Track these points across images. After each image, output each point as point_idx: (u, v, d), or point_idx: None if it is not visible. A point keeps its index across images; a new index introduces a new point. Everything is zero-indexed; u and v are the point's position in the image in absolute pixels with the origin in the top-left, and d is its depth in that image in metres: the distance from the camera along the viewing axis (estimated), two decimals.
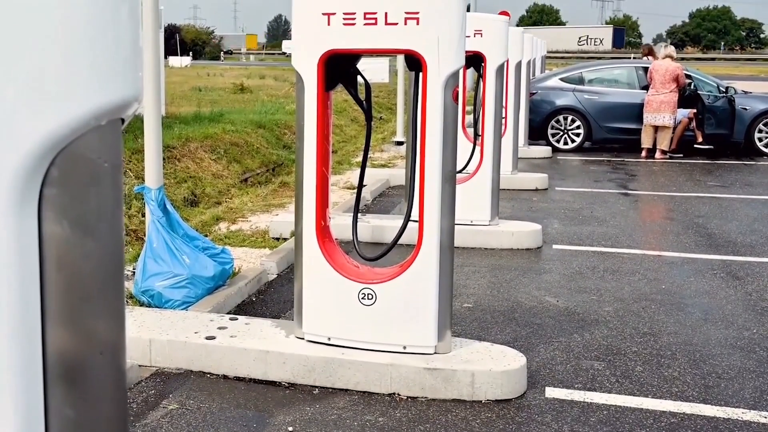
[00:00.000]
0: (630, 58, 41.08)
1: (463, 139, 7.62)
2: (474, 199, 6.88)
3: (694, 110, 12.73)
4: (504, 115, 8.23)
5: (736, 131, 12.74)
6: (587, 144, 13.44)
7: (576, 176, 11.05)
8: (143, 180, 5.17)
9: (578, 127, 13.27)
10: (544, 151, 12.75)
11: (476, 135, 7.49)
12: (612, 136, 13.24)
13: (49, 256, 0.81)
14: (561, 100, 13.31)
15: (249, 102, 16.98)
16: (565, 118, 13.31)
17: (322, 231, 4.11)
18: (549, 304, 5.36)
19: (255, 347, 4.11)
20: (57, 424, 0.83)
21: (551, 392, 3.99)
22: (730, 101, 12.76)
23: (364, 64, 4.16)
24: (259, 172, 10.11)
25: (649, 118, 12.43)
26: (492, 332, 4.80)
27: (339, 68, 4.00)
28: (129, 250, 5.94)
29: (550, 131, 13.35)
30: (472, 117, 8.87)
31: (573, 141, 13.33)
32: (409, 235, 4.22)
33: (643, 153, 12.62)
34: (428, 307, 3.95)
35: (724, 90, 12.95)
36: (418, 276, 3.95)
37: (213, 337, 4.22)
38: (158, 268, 4.79)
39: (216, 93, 19.57)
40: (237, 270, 5.51)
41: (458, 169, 4.65)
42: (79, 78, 0.79)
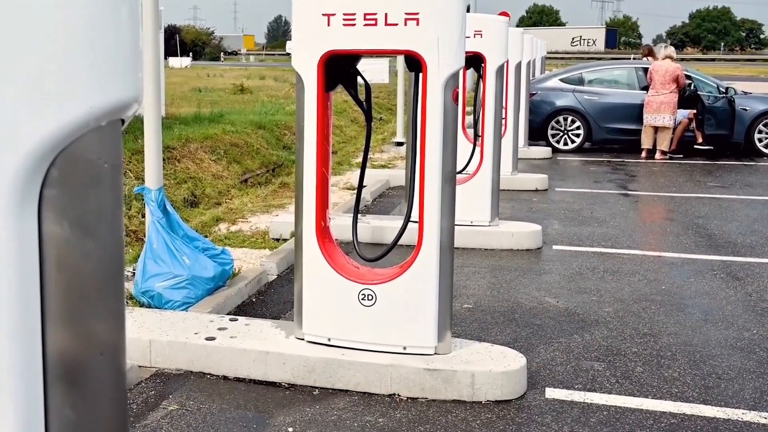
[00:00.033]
0: (630, 58, 41.04)
1: (463, 140, 7.62)
2: (474, 199, 6.88)
3: (694, 111, 12.74)
4: (504, 116, 8.23)
5: (736, 132, 12.74)
6: (587, 145, 13.44)
7: (576, 177, 11.04)
8: (143, 181, 5.17)
9: (578, 128, 13.27)
10: (544, 151, 12.75)
11: (476, 136, 7.48)
12: (612, 136, 13.24)
13: (49, 257, 0.81)
14: (561, 101, 13.31)
15: (249, 103, 16.98)
16: (565, 119, 13.31)
17: (322, 232, 4.11)
18: (549, 305, 5.36)
19: (255, 348, 4.11)
20: (57, 424, 0.83)
21: (551, 393, 3.99)
22: (730, 102, 12.77)
23: (364, 64, 4.16)
24: (259, 172, 10.11)
25: (649, 118, 12.43)
26: (492, 333, 4.80)
27: (339, 69, 4.00)
28: (129, 250, 5.94)
29: (550, 132, 13.35)
30: (472, 118, 8.87)
31: (573, 142, 13.32)
32: (409, 236, 4.22)
33: (643, 154, 12.62)
34: (428, 308, 3.95)
35: (724, 91, 12.95)
36: (418, 277, 3.95)
37: (213, 338, 4.23)
38: (158, 269, 4.79)
39: (216, 94, 19.57)
40: (237, 271, 5.51)
41: (458, 169, 4.65)
42: (79, 79, 0.79)
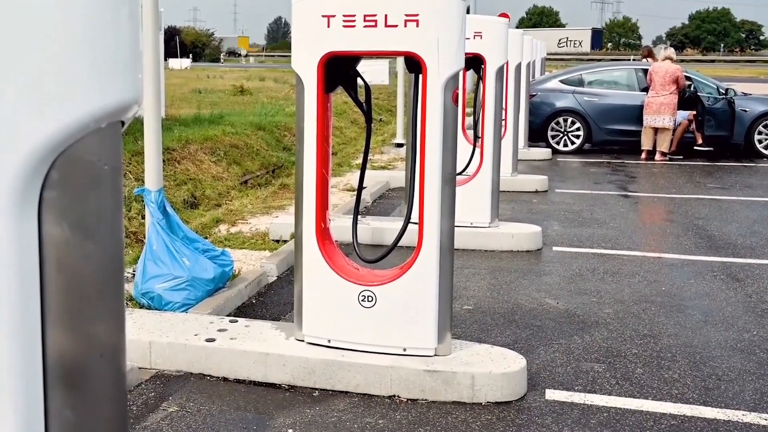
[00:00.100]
0: (629, 59, 41.04)
1: (463, 141, 7.62)
2: (474, 201, 6.88)
3: (694, 112, 12.74)
4: (504, 117, 8.23)
5: (735, 133, 12.74)
6: (587, 146, 13.44)
7: (576, 178, 11.05)
8: (143, 182, 5.17)
9: (578, 129, 13.27)
10: (544, 152, 12.76)
11: (476, 137, 7.48)
12: (612, 138, 13.24)
13: (49, 259, 0.81)
14: (561, 102, 13.31)
15: (249, 104, 16.99)
16: (565, 120, 13.32)
17: (322, 233, 4.11)
18: (549, 306, 5.36)
19: (255, 349, 4.11)
20: (57, 426, 0.83)
21: (551, 394, 3.98)
22: (730, 103, 12.77)
23: (364, 66, 4.16)
24: (259, 174, 10.11)
25: (649, 119, 12.43)
26: (492, 334, 4.80)
27: (339, 70, 4.01)
28: (129, 252, 5.94)
29: (550, 133, 13.35)
30: (472, 119, 8.87)
31: (573, 143, 13.33)
32: (409, 237, 4.22)
33: (643, 155, 12.62)
34: (428, 309, 3.95)
35: (723, 92, 12.95)
36: (418, 278, 3.95)
37: (213, 340, 4.22)
38: (158, 271, 4.79)
39: (216, 95, 19.58)
40: (237, 272, 5.51)
41: (458, 171, 4.65)
42: (78, 80, 0.79)
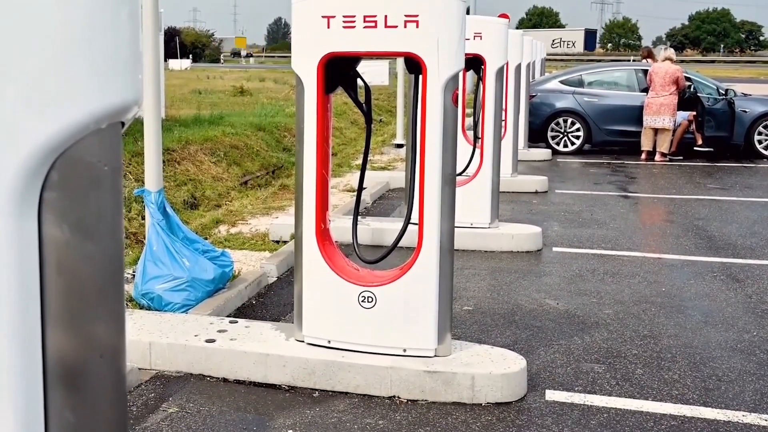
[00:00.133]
0: (629, 60, 41.07)
1: (462, 142, 7.62)
2: (474, 201, 6.88)
3: (694, 113, 12.74)
4: (504, 118, 8.23)
5: (735, 134, 12.74)
6: (587, 146, 13.45)
7: (576, 179, 11.05)
8: (143, 183, 5.17)
9: (578, 130, 13.28)
10: (544, 153, 12.76)
11: (476, 137, 7.48)
12: (612, 138, 13.24)
13: (49, 260, 0.81)
14: (561, 103, 13.32)
15: (249, 105, 16.99)
16: (565, 121, 13.32)
17: (322, 234, 4.11)
18: (549, 307, 5.36)
19: (255, 350, 4.11)
20: (57, 427, 0.83)
21: (551, 395, 3.98)
22: (730, 104, 12.77)
23: (363, 66, 4.17)
24: (258, 174, 10.11)
25: (649, 120, 12.44)
26: (492, 335, 4.80)
27: (339, 71, 4.01)
28: (129, 253, 5.93)
29: (549, 134, 13.35)
30: (471, 119, 8.87)
31: (573, 143, 13.33)
32: (409, 238, 4.22)
33: (643, 155, 12.62)
34: (428, 310, 3.95)
35: (723, 92, 12.95)
36: (418, 279, 3.95)
37: (213, 340, 4.22)
38: (158, 271, 4.79)
39: (216, 96, 19.58)
40: (237, 273, 5.51)
41: (458, 171, 4.65)
42: (78, 81, 0.79)
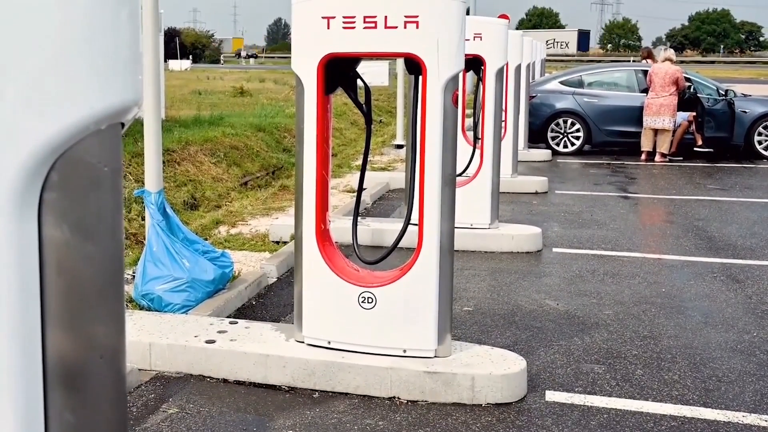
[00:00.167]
0: (630, 60, 41.08)
1: (462, 143, 7.62)
2: (474, 202, 6.87)
3: (694, 113, 12.74)
4: (504, 119, 8.23)
5: (735, 134, 12.74)
6: (587, 147, 13.44)
7: (576, 179, 11.05)
8: (143, 183, 5.17)
9: (578, 130, 13.27)
10: (544, 154, 12.76)
11: (476, 138, 7.48)
12: (612, 139, 13.24)
13: (49, 260, 0.81)
14: (561, 103, 13.32)
15: (249, 105, 16.99)
16: (565, 121, 13.32)
17: (322, 234, 4.11)
18: (549, 308, 5.36)
19: (255, 351, 4.11)
20: (57, 427, 0.83)
21: (551, 396, 3.98)
22: (730, 104, 12.77)
23: (363, 67, 4.17)
24: (258, 175, 10.11)
25: (649, 121, 12.44)
26: (492, 335, 4.80)
27: (339, 72, 4.01)
28: (129, 253, 5.93)
29: (549, 134, 13.35)
30: (471, 120, 8.87)
31: (573, 144, 13.32)
32: (409, 239, 4.22)
33: (643, 156, 12.62)
34: (428, 311, 3.95)
35: (723, 93, 12.95)
36: (418, 279, 3.95)
37: (213, 341, 4.22)
38: (158, 272, 4.79)
39: (216, 96, 19.58)
40: (237, 273, 5.51)
41: (458, 172, 4.65)
42: (78, 82, 0.79)
